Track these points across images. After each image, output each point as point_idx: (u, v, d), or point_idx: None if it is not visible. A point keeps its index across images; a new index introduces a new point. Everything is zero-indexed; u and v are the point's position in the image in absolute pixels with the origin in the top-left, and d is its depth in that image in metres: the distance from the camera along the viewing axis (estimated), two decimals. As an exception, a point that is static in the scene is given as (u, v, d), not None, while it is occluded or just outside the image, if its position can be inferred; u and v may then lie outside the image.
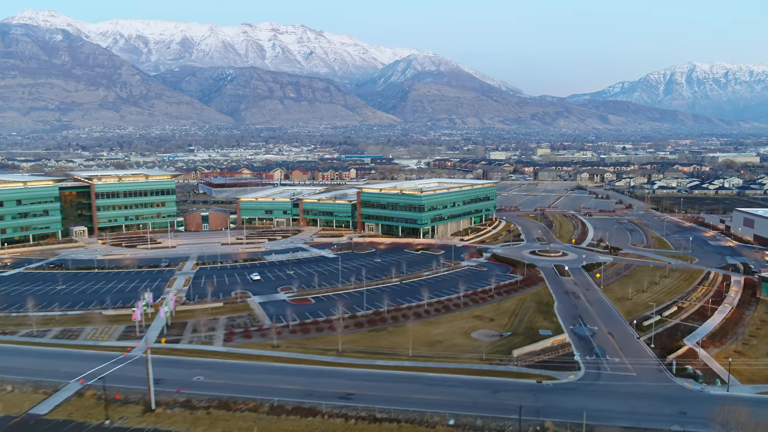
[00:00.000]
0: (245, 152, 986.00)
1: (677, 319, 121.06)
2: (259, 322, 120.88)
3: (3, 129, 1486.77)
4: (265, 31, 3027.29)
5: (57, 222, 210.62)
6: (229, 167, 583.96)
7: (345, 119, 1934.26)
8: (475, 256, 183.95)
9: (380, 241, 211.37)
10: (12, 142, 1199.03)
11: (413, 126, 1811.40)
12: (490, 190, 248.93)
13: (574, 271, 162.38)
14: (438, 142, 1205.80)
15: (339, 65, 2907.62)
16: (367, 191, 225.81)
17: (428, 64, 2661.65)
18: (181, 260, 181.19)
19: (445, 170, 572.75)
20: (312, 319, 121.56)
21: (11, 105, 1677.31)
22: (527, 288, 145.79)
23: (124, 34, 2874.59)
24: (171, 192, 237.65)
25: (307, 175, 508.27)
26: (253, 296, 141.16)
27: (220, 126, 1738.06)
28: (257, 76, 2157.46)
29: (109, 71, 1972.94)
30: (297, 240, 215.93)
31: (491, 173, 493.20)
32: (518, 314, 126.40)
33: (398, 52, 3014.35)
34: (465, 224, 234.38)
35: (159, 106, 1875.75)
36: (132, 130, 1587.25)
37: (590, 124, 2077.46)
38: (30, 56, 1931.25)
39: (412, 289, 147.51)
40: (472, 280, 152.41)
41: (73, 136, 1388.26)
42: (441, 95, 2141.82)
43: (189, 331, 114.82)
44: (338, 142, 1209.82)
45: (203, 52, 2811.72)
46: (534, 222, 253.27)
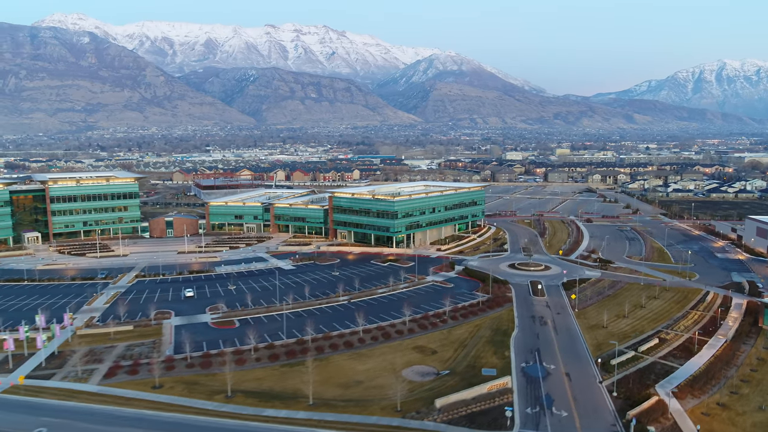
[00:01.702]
0: (260, 152, 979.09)
1: (656, 355, 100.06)
2: (160, 352, 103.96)
3: (31, 129, 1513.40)
4: (288, 31, 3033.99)
5: (7, 228, 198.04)
6: (234, 168, 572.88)
7: (365, 119, 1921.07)
8: (446, 269, 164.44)
9: (349, 251, 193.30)
10: (38, 142, 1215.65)
11: (434, 126, 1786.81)
12: (478, 194, 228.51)
13: (551, 290, 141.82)
14: (456, 142, 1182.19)
15: (361, 65, 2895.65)
16: (339, 195, 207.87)
17: (450, 63, 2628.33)
18: (122, 271, 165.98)
19: (454, 171, 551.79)
20: (218, 349, 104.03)
21: (39, 106, 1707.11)
22: (489, 311, 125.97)
23: (150, 36, 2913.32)
24: (134, 196, 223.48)
25: (309, 176, 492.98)
26: (174, 317, 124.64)
27: (242, 126, 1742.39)
28: (279, 76, 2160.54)
29: (134, 73, 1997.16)
30: (261, 248, 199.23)
31: (499, 174, 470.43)
32: (467, 345, 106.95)
33: (420, 52, 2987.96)
34: (448, 232, 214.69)
35: (182, 107, 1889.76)
36: (155, 130, 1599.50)
37: (615, 124, 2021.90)
38: (58, 58, 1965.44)
39: (358, 309, 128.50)
40: (430, 300, 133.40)
41: (98, 136, 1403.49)
42: (462, 95, 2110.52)
43: (71, 364, 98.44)
44: (356, 142, 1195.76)
45: (227, 53, 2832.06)
46: (526, 229, 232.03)
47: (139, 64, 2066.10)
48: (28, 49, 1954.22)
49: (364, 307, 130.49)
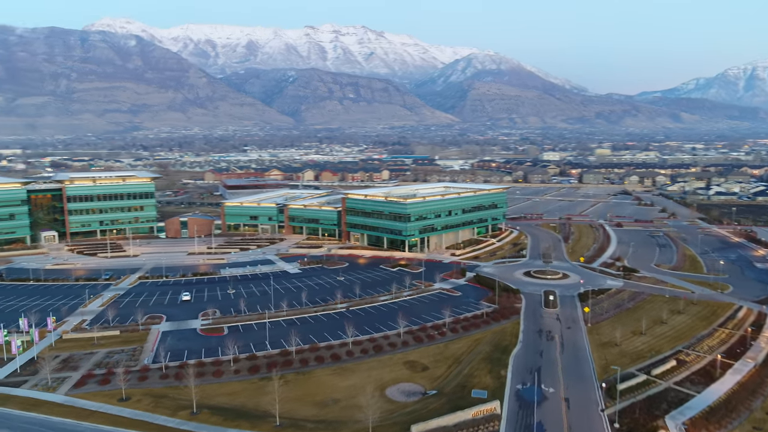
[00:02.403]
0: (296, 152, 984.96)
1: (671, 379, 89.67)
2: (137, 360, 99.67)
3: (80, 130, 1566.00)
4: (327, 32, 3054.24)
5: (25, 226, 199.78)
6: (265, 168, 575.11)
7: (403, 119, 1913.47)
8: (456, 276, 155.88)
9: (360, 254, 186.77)
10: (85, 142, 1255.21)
11: (471, 126, 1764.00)
12: (498, 196, 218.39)
13: (565, 301, 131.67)
14: (493, 143, 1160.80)
15: (399, 65, 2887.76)
16: (352, 197, 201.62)
17: (489, 62, 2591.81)
18: (127, 272, 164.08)
19: (487, 171, 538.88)
20: (196, 359, 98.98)
21: (88, 107, 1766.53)
22: (493, 323, 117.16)
23: (194, 38, 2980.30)
24: (150, 195, 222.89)
25: (337, 177, 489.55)
26: (164, 322, 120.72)
27: (281, 126, 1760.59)
28: (318, 77, 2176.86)
29: (177, 74, 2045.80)
30: (271, 250, 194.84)
31: (532, 175, 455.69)
32: (462, 362, 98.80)
33: (458, 52, 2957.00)
34: (466, 235, 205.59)
35: (223, 108, 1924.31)
36: (197, 130, 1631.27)
37: (660, 123, 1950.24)
38: (106, 61, 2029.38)
39: (355, 318, 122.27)
40: (432, 310, 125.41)
41: (142, 136, 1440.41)
42: (501, 94, 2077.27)
43: (46, 371, 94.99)
44: (391, 142, 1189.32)
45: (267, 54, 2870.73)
46: (550, 233, 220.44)
47: (183, 66, 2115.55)
48: (79, 53, 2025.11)
49: (362, 316, 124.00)
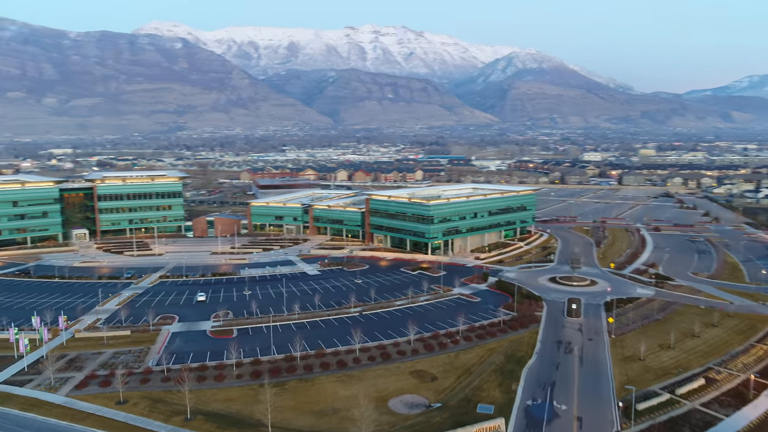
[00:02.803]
0: (333, 152, 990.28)
1: (697, 400, 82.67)
2: (142, 362, 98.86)
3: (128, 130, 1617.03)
4: (367, 33, 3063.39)
5: (57, 224, 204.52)
6: (300, 167, 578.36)
7: (441, 119, 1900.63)
8: (477, 281, 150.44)
9: (382, 256, 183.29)
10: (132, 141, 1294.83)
11: (511, 126, 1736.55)
12: (527, 198, 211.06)
13: (589, 310, 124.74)
14: (533, 143, 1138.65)
15: (438, 65, 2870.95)
16: (376, 198, 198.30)
17: (530, 61, 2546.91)
18: (149, 271, 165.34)
19: (524, 172, 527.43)
20: (199, 363, 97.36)
21: (135, 108, 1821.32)
22: (510, 332, 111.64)
23: (237, 40, 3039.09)
24: (178, 195, 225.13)
25: (371, 177, 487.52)
26: (176, 323, 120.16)
27: (320, 126, 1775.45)
28: (357, 77, 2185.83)
29: (221, 76, 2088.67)
30: (294, 251, 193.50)
31: (569, 176, 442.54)
32: (473, 373, 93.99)
33: (499, 51, 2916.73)
34: (492, 238, 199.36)
35: (264, 108, 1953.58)
36: (239, 130, 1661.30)
37: (710, 123, 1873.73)
38: (153, 63, 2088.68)
39: (368, 323, 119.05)
40: (447, 316, 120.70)
41: (186, 136, 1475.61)
42: (542, 93, 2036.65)
43: (51, 370, 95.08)
44: (429, 142, 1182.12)
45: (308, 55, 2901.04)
46: (582, 237, 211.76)
47: (226, 68, 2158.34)
48: (128, 56, 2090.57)
49: (375, 321, 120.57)
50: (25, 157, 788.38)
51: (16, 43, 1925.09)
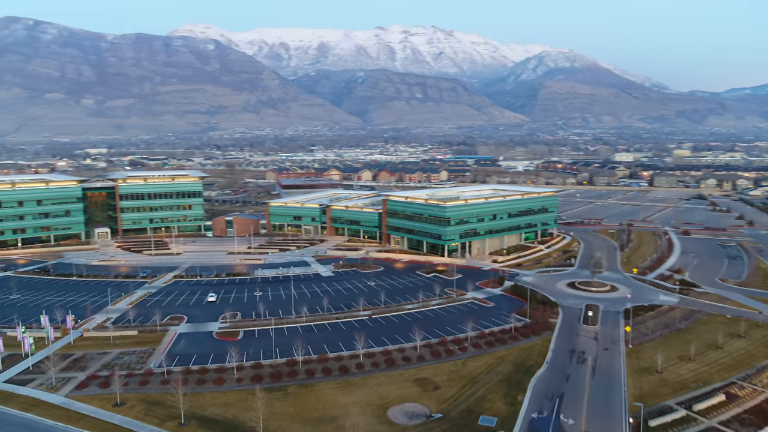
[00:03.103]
0: (360, 152, 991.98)
1: (716, 417, 77.59)
2: (145, 363, 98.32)
3: (161, 130, 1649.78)
4: (396, 33, 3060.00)
5: (80, 223, 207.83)
6: (325, 167, 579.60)
7: (471, 119, 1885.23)
8: (492, 285, 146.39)
9: (398, 258, 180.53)
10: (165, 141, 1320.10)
11: (542, 126, 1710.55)
12: (549, 200, 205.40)
13: (607, 317, 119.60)
14: (563, 143, 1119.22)
15: (468, 65, 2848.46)
16: (393, 199, 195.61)
17: (562, 60, 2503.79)
18: (164, 271, 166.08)
19: (551, 173, 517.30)
20: (200, 365, 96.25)
21: (169, 109, 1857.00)
22: (522, 339, 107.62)
23: (268, 41, 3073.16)
24: (198, 195, 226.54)
25: (395, 177, 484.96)
26: (184, 324, 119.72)
27: (348, 127, 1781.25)
28: (386, 77, 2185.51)
29: (252, 77, 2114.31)
30: (310, 252, 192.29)
31: (598, 177, 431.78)
32: (478, 382, 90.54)
33: (530, 50, 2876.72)
34: (512, 241, 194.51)
35: (294, 109, 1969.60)
36: (269, 131, 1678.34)
37: (750, 122, 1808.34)
38: (186, 65, 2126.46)
39: (376, 328, 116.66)
40: (458, 322, 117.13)
41: (218, 136, 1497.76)
42: (574, 93, 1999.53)
43: (55, 370, 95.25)
44: (457, 142, 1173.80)
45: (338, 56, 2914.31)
46: (607, 240, 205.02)
47: (257, 69, 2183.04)
48: (162, 57, 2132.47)
49: (383, 325, 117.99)
50: (62, 156, 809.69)
51: (56, 45, 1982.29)
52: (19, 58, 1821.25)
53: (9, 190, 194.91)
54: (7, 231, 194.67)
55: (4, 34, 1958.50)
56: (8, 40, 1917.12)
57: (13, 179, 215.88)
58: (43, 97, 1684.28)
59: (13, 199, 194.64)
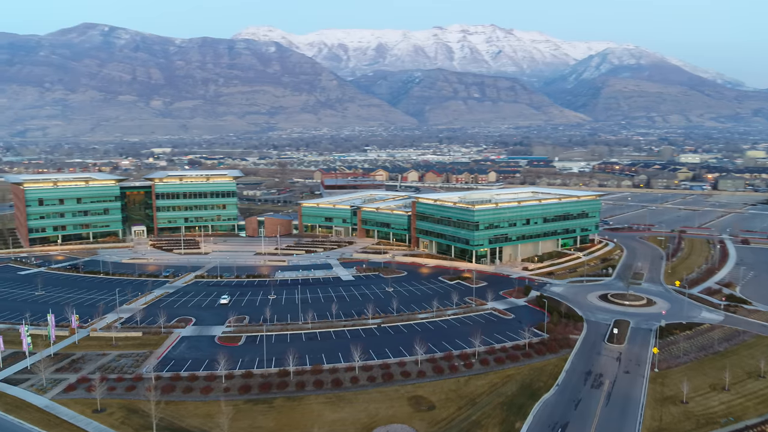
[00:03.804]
0: (413, 153, 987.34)
1: (743, 460, 67.13)
2: (138, 367, 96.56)
3: (224, 130, 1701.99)
4: (455, 32, 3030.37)
5: (117, 221, 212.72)
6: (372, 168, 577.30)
7: (529, 119, 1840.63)
8: (517, 294, 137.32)
9: (424, 263, 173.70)
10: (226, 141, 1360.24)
11: (604, 125, 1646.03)
12: (590, 204, 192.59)
13: (637, 335, 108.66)
14: (625, 143, 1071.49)
15: (528, 63, 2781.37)
16: (423, 201, 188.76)
17: (627, 57, 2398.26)
18: (188, 270, 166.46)
19: (608, 175, 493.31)
20: (191, 372, 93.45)
21: (231, 110, 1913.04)
22: (536, 357, 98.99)
23: (328, 43, 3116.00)
24: (232, 194, 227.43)
25: (441, 178, 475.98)
26: (189, 326, 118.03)
27: (404, 127, 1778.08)
28: (443, 77, 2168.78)
29: (311, 78, 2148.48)
30: (336, 254, 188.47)
31: (656, 180, 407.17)
32: (477, 404, 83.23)
33: (593, 47, 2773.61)
34: (548, 247, 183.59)
35: (351, 109, 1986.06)
36: (326, 131, 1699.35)
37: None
38: (248, 67, 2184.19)
39: (383, 337, 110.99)
40: (470, 334, 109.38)
41: (276, 136, 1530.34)
42: (639, 91, 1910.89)
43: (50, 370, 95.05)
44: (513, 142, 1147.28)
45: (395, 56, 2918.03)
46: (654, 248, 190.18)
47: (316, 70, 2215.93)
48: (226, 60, 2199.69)
49: (391, 335, 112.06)
50: (128, 155, 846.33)
51: (129, 50, 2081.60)
52: (95, 63, 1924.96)
53: (51, 189, 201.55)
54: (49, 228, 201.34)
55: (82, 40, 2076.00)
56: (86, 45, 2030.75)
57: (57, 177, 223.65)
58: (116, 99, 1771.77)
59: (55, 197, 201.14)
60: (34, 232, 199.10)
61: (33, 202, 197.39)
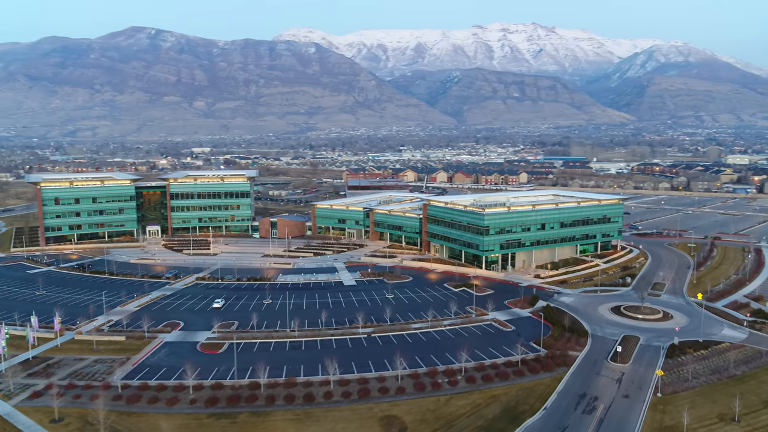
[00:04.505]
0: (448, 153, 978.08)
1: (742, 508, 58.33)
2: (110, 374, 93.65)
3: (263, 130, 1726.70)
4: (495, 31, 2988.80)
5: (132, 221, 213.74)
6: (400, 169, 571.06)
7: (570, 118, 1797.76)
8: (522, 304, 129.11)
9: (432, 268, 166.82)
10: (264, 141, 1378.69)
11: (648, 125, 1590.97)
12: (612, 208, 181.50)
13: (645, 354, 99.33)
14: (670, 143, 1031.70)
15: (570, 62, 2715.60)
16: (434, 204, 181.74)
17: (674, 54, 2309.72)
18: (192, 272, 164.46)
19: (647, 176, 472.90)
20: (159, 382, 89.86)
21: (271, 110, 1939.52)
22: (529, 375, 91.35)
23: (367, 43, 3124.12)
24: (246, 195, 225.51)
25: (471, 179, 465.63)
26: (175, 331, 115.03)
27: (442, 127, 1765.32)
28: (482, 76, 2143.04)
29: (349, 78, 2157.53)
30: (344, 257, 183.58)
31: (696, 182, 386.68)
32: (454, 426, 76.61)
33: (639, 44, 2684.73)
34: (565, 253, 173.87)
35: (389, 109, 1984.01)
36: (363, 131, 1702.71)
37: None
38: (288, 68, 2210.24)
39: (370, 348, 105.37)
40: (462, 347, 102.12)
41: (314, 136, 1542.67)
42: (687, 89, 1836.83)
43: (21, 375, 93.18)
44: (551, 143, 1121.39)
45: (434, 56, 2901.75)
46: (682, 256, 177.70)
47: (355, 70, 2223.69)
48: (267, 61, 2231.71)
49: (379, 346, 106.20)
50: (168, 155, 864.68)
51: (174, 52, 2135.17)
52: (142, 65, 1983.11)
53: (66, 188, 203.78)
54: (64, 227, 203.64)
55: (130, 43, 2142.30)
56: (133, 48, 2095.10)
57: (76, 177, 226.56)
58: (161, 100, 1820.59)
59: (70, 196, 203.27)
60: (50, 231, 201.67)
61: (49, 201, 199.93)
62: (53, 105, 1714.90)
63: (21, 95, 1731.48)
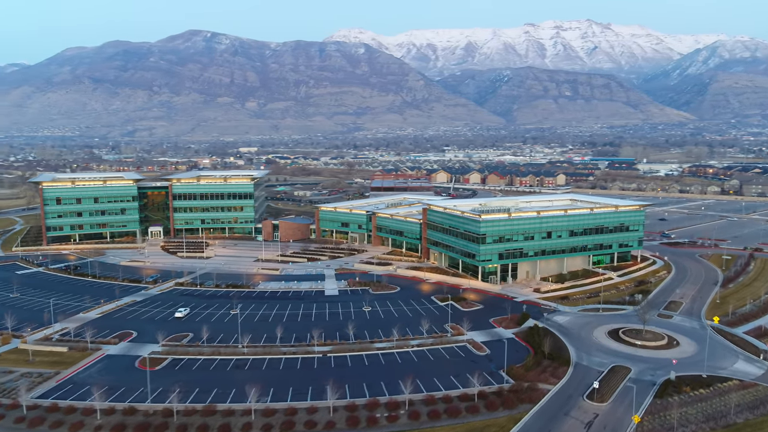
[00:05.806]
0: (492, 153, 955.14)
1: None
2: (30, 392, 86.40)
3: (311, 130, 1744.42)
4: (548, 29, 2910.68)
5: (134, 221, 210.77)
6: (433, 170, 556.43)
7: (625, 117, 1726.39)
8: (508, 323, 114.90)
9: (425, 278, 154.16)
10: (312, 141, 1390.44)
11: (709, 124, 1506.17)
12: (631, 216, 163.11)
13: (631, 391, 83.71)
14: (732, 143, 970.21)
15: (626, 59, 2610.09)
16: (433, 209, 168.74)
17: (739, 50, 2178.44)
18: (175, 276, 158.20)
19: (699, 179, 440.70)
20: (71, 402, 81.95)
21: (320, 110, 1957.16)
22: (484, 412, 78.30)
23: (416, 43, 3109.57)
24: (249, 196, 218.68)
25: (504, 180, 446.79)
26: (123, 342, 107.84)
27: (490, 127, 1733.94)
28: (533, 75, 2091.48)
29: (398, 78, 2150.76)
30: (337, 264, 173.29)
31: (749, 186, 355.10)
32: (370, 476, 64.65)
33: (701, 40, 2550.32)
34: (577, 264, 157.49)
35: (437, 109, 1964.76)
36: (410, 131, 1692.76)
37: None
38: (338, 68, 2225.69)
39: (320, 371, 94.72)
40: (423, 374, 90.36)
41: (362, 136, 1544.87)
42: (753, 86, 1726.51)
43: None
44: (603, 143, 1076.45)
45: (484, 55, 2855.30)
46: (712, 269, 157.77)
47: (403, 70, 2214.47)
48: (317, 62, 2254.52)
49: (330, 369, 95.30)
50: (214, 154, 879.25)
51: (228, 54, 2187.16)
52: (198, 67, 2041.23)
53: (68, 188, 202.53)
54: (66, 227, 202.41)
55: (187, 46, 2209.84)
56: (190, 51, 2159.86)
57: (82, 176, 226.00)
58: (215, 101, 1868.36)
59: (72, 196, 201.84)
60: (52, 231, 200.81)
61: (51, 201, 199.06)
62: (114, 106, 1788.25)
63: (85, 97, 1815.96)
